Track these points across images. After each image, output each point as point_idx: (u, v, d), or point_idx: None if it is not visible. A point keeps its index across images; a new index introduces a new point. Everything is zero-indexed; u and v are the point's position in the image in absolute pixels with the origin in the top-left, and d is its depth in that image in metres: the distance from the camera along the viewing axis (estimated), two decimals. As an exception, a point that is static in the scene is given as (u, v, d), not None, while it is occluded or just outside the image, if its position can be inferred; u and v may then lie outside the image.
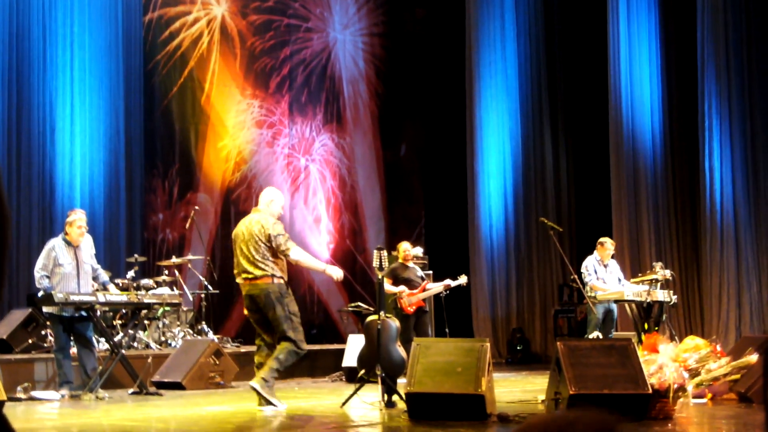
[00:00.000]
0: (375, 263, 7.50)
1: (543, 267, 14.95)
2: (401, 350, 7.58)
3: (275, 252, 7.32)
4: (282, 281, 7.36)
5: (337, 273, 7.44)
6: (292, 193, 15.21)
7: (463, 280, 10.81)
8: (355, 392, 7.47)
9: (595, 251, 10.85)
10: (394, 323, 7.70)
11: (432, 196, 16.39)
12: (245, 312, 7.64)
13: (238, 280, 7.52)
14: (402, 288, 10.39)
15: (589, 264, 10.69)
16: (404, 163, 16.53)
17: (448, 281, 10.67)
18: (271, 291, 7.29)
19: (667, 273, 10.63)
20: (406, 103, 16.43)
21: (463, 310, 14.76)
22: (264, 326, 7.48)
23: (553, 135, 15.32)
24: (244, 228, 7.47)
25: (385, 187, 16.20)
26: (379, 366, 7.38)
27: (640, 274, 11.23)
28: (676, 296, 10.86)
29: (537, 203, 15.04)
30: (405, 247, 10.62)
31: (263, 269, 7.30)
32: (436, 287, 10.62)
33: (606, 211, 13.61)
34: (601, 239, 10.97)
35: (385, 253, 7.53)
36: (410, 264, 10.68)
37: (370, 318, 7.69)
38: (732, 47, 12.34)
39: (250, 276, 7.35)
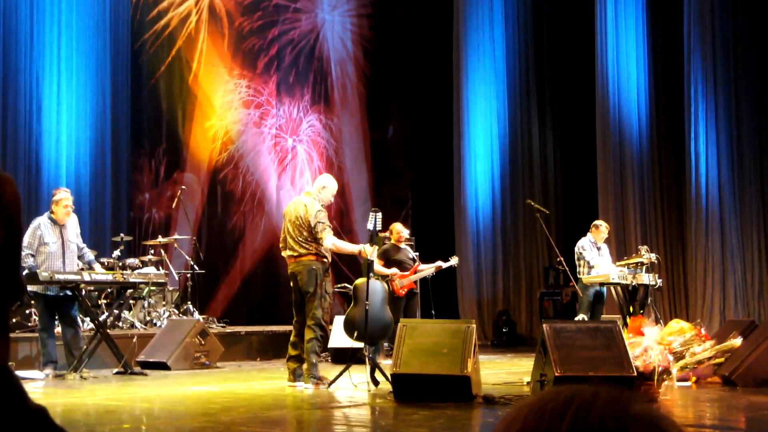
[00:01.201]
0: (369, 225, 7.55)
1: (529, 249, 14.98)
2: (388, 312, 7.68)
3: (316, 234, 7.54)
4: (325, 261, 7.58)
5: (369, 249, 7.57)
6: (279, 174, 15.20)
7: (454, 261, 10.75)
8: (342, 372, 7.49)
9: (588, 233, 10.81)
10: (382, 285, 7.84)
11: (419, 178, 16.39)
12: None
13: (283, 254, 7.74)
14: (394, 270, 10.34)
15: (586, 244, 10.64)
16: (391, 145, 16.54)
17: (439, 263, 10.58)
18: (314, 268, 7.50)
19: (653, 256, 10.65)
20: (394, 84, 16.40)
21: (449, 291, 14.79)
22: (299, 308, 7.64)
23: (540, 118, 15.32)
24: (293, 208, 7.72)
25: (372, 168, 16.22)
26: (366, 346, 7.42)
27: (625, 257, 11.24)
28: (661, 279, 10.87)
29: (524, 185, 15.05)
30: (399, 229, 10.56)
31: (307, 248, 7.53)
32: (427, 269, 10.53)
33: (593, 194, 13.62)
34: (596, 222, 10.95)
35: (380, 215, 7.62)
36: (402, 245, 10.61)
37: (359, 280, 7.79)
38: (719, 33, 12.31)
39: (294, 254, 7.57)
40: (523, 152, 15.16)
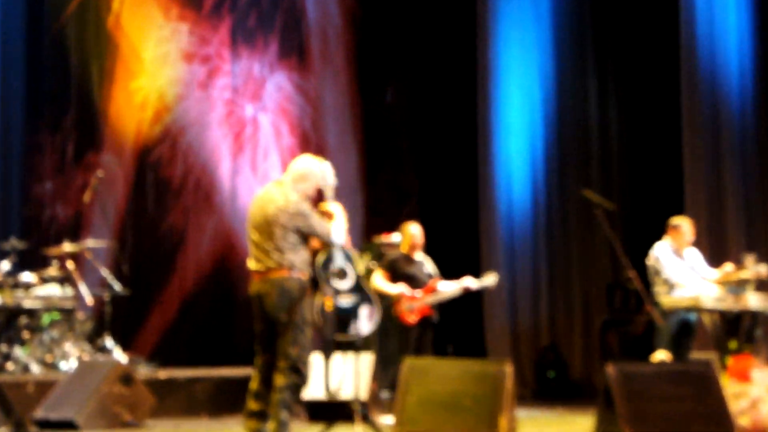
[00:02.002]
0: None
1: (585, 260, 14.92)
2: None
3: (298, 239, 7.64)
4: (303, 278, 7.65)
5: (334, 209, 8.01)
6: (235, 155, 15.20)
7: (491, 281, 10.77)
8: None
9: (666, 236, 10.78)
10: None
11: (429, 160, 16.30)
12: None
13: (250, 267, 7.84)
14: (401, 288, 10.34)
15: (664, 252, 10.59)
16: (391, 115, 16.43)
17: (468, 281, 10.57)
18: (287, 288, 7.55)
19: (763, 270, 10.52)
20: (394, 31, 16.27)
21: (472, 319, 14.74)
22: (268, 341, 7.66)
23: (600, 76, 15.25)
24: (259, 204, 7.78)
25: (364, 148, 16.12)
26: (355, 400, 7.55)
27: (723, 271, 11.09)
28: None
29: (577, 170, 14.98)
30: (413, 232, 10.64)
31: (278, 260, 7.57)
32: (450, 289, 10.52)
33: (675, 182, 13.56)
34: (676, 220, 10.90)
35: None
36: (417, 256, 10.63)
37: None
38: None
39: (260, 267, 7.64)
40: (576, 124, 15.11)
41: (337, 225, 7.89)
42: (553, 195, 15.10)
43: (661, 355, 10.09)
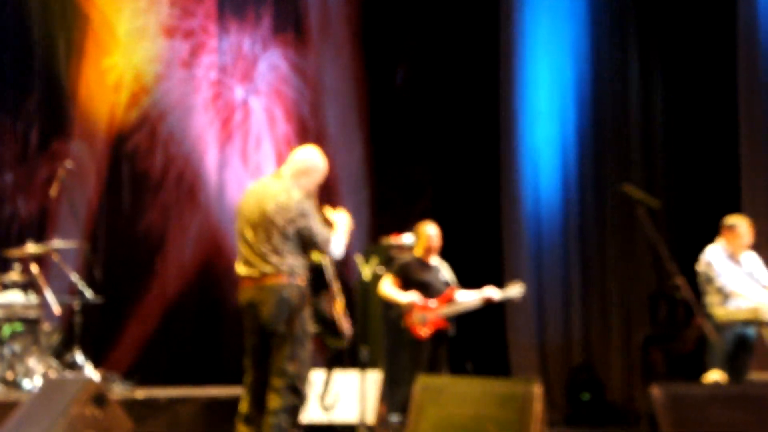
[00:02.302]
0: None
1: (625, 266, 14.97)
2: None
3: (298, 243, 7.73)
4: (302, 285, 7.75)
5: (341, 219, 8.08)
6: (222, 144, 15.30)
7: (516, 291, 10.87)
8: None
9: (720, 239, 10.82)
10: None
11: (444, 151, 16.38)
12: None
13: (239, 272, 7.88)
14: (413, 297, 10.42)
15: (717, 257, 10.66)
16: (401, 97, 16.48)
17: (489, 291, 10.69)
18: (286, 297, 7.64)
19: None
20: (405, 2, 16.40)
21: (495, 333, 14.84)
22: (261, 356, 7.75)
23: (642, 53, 15.30)
24: (254, 198, 7.82)
25: (370, 136, 16.21)
26: (361, 425, 7.51)
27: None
28: None
29: (616, 163, 15.00)
30: (431, 233, 10.77)
31: (276, 264, 7.64)
32: (468, 300, 10.62)
33: (730, 176, 13.59)
34: (731, 220, 10.94)
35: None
36: (433, 260, 10.71)
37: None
38: None
39: (254, 273, 7.69)
40: (615, 110, 15.21)
41: (338, 236, 7.91)
42: (587, 191, 15.21)
43: (714, 376, 10.09)
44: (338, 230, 7.94)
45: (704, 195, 14.55)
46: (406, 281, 10.51)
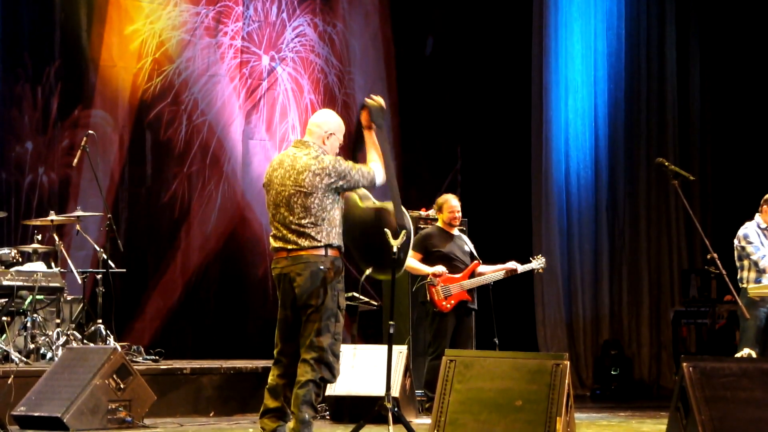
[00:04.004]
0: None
1: (657, 241, 14.88)
2: None
3: (334, 207, 7.63)
4: (338, 255, 7.64)
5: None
6: (248, 113, 15.21)
7: (538, 263, 10.96)
8: None
9: (757, 215, 10.79)
10: None
11: (474, 124, 16.34)
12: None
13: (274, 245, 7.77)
14: (439, 268, 10.40)
15: (752, 232, 10.64)
16: (430, 68, 16.45)
17: (513, 264, 10.74)
18: (322, 268, 7.53)
19: None
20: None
21: (523, 309, 14.81)
22: (292, 329, 7.67)
23: (679, 22, 15.16)
24: (282, 170, 7.71)
25: (398, 106, 16.11)
26: (387, 398, 7.54)
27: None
28: None
29: (650, 137, 14.90)
30: (453, 204, 10.76)
31: (311, 235, 7.55)
32: (492, 272, 10.68)
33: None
34: None
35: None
36: (456, 231, 10.74)
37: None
38: None
39: (287, 245, 7.59)
40: (650, 82, 15.09)
41: (374, 165, 7.78)
42: (618, 165, 15.16)
43: (745, 351, 10.02)
44: (372, 157, 7.83)
45: (742, 169, 14.53)
46: (427, 253, 10.52)
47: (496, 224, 14.55)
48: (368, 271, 8.31)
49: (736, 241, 10.67)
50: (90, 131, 12.89)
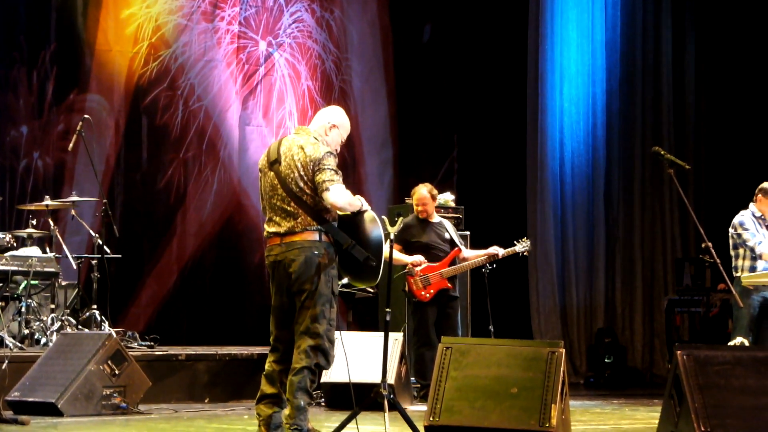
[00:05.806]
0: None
1: (651, 229, 14.88)
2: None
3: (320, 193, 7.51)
4: (330, 242, 7.56)
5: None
6: (244, 99, 15.21)
7: (523, 247, 10.91)
8: (345, 424, 7.55)
9: (751, 204, 10.76)
10: None
11: (470, 111, 16.34)
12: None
13: (268, 230, 7.69)
14: (417, 257, 10.43)
15: (748, 220, 10.62)
16: (428, 55, 16.44)
17: (494, 249, 10.72)
18: (316, 253, 7.48)
19: None
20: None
21: (517, 296, 14.83)
22: (287, 316, 7.62)
23: (676, 11, 15.17)
24: (278, 154, 7.64)
25: (395, 93, 16.17)
26: (382, 385, 7.51)
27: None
28: None
29: (645, 125, 14.93)
30: (422, 194, 10.78)
31: (304, 220, 7.50)
32: (473, 258, 10.68)
33: (763, 140, 13.46)
34: (765, 184, 10.81)
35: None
36: (436, 218, 10.76)
37: None
38: None
39: (280, 230, 7.54)
40: (646, 71, 15.06)
41: (346, 193, 7.52)
42: (614, 152, 15.16)
43: (739, 340, 9.96)
44: (354, 198, 7.58)
45: (737, 158, 14.54)
46: (407, 243, 10.55)
47: (492, 212, 14.54)
48: (345, 280, 8.35)
49: (731, 230, 10.63)
50: (86, 115, 12.82)
